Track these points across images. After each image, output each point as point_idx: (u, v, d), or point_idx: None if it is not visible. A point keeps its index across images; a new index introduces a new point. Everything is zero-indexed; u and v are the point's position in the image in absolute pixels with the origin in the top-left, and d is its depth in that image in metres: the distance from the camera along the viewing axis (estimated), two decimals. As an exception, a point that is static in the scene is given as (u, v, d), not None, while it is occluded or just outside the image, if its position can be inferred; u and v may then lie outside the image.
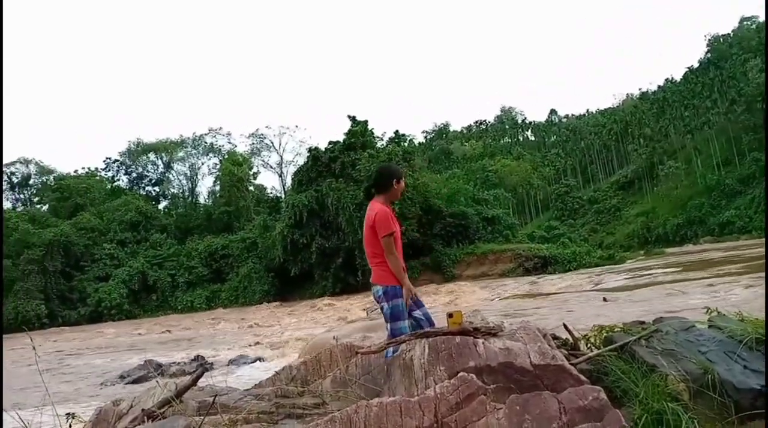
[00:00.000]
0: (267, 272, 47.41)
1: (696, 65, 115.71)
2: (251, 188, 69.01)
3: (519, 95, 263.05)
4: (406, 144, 59.06)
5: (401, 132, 58.60)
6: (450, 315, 3.64)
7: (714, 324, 4.26)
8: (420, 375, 3.24)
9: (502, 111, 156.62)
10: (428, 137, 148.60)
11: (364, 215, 4.58)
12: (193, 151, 76.64)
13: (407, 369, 3.39)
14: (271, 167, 74.78)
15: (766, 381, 2.25)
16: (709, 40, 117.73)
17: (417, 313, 4.45)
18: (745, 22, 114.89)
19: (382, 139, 54.78)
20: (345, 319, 19.27)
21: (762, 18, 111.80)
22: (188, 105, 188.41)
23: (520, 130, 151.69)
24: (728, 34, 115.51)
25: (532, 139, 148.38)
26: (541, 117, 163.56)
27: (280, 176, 73.71)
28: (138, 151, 76.24)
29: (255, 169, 72.43)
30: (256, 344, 14.55)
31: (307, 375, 4.87)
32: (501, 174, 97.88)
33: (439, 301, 22.44)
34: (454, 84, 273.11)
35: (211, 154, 76.74)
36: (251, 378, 7.38)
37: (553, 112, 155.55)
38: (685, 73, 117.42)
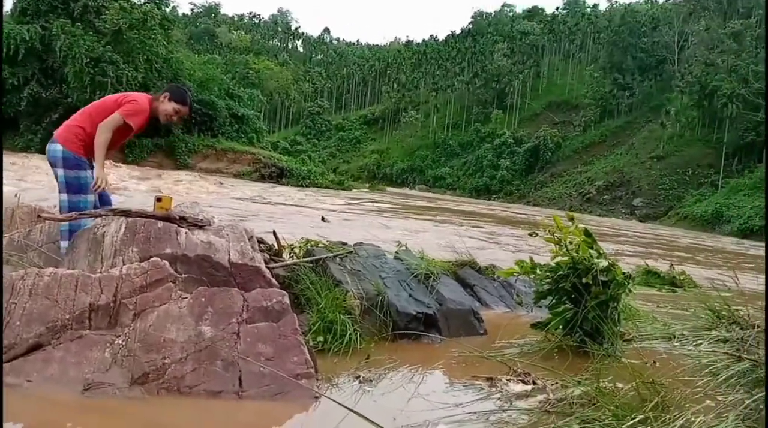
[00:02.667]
0: (-46, 107, 38.76)
1: (458, 32, 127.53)
2: (-48, -2, 54.64)
3: (299, 1, 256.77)
4: (167, 9, 52.79)
5: (165, -6, 52.05)
6: (158, 200, 3.47)
7: (399, 256, 4.91)
8: (109, 253, 3.05)
9: (278, 11, 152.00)
10: (195, 11, 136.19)
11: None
12: None
13: (96, 244, 3.15)
14: (-13, -20, 60.06)
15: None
16: (475, 13, 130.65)
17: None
18: (505, 8, 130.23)
19: (140, -5, 48.06)
20: (43, 182, 16.96)
21: (518, 9, 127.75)
22: None
23: (292, 37, 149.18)
24: (490, 13, 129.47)
25: (301, 50, 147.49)
26: (314, 32, 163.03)
27: (-2, -5, 59.73)
28: None
29: (-38, -25, 57.36)
30: None
31: (-26, 232, 4.17)
32: (262, 75, 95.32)
33: (164, 187, 21.29)
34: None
35: None
36: None
37: (326, 30, 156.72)
38: (447, 36, 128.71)
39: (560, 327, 3.65)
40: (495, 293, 4.87)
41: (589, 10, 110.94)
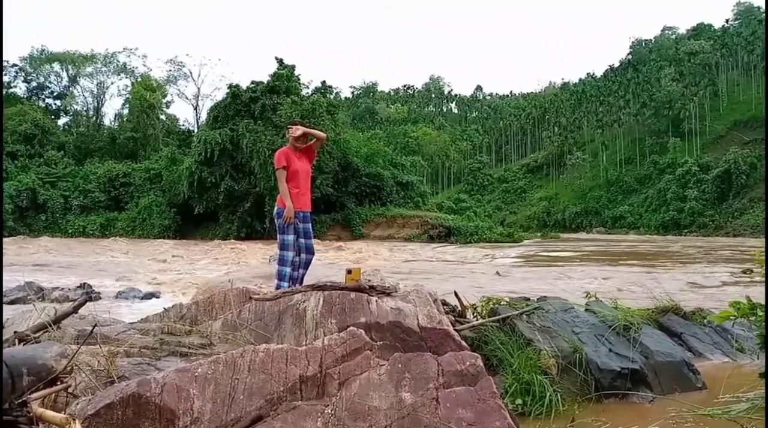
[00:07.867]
0: (169, 207, 45.58)
1: (617, 64, 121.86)
2: (162, 117, 65.50)
3: (449, 66, 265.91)
4: (332, 96, 57.87)
5: (328, 83, 57.34)
6: (349, 272, 3.70)
7: (590, 308, 4.62)
8: (311, 326, 3.29)
9: (430, 79, 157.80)
10: (355, 93, 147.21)
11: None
12: (104, 69, 71.02)
13: (299, 319, 3.42)
14: (187, 98, 71.19)
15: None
16: (633, 42, 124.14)
17: (301, 242, 5.02)
18: (666, 31, 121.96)
19: (307, 87, 53.49)
20: (245, 264, 19.01)
21: (681, 30, 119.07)
22: (103, 18, 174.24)
23: (446, 101, 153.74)
24: (650, 39, 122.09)
25: (456, 111, 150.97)
26: (467, 91, 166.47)
27: (195, 109, 70.35)
28: (41, 59, 69.44)
29: (169, 98, 68.77)
30: (149, 279, 14.06)
31: (197, 315, 4.78)
32: (421, 142, 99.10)
33: (343, 257, 22.65)
34: (387, 43, 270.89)
35: (122, 75, 71.59)
36: (139, 313, 7.15)
37: (478, 88, 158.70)
38: (605, 71, 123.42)
39: (799, 375, 3.12)
40: (707, 340, 4.34)
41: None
